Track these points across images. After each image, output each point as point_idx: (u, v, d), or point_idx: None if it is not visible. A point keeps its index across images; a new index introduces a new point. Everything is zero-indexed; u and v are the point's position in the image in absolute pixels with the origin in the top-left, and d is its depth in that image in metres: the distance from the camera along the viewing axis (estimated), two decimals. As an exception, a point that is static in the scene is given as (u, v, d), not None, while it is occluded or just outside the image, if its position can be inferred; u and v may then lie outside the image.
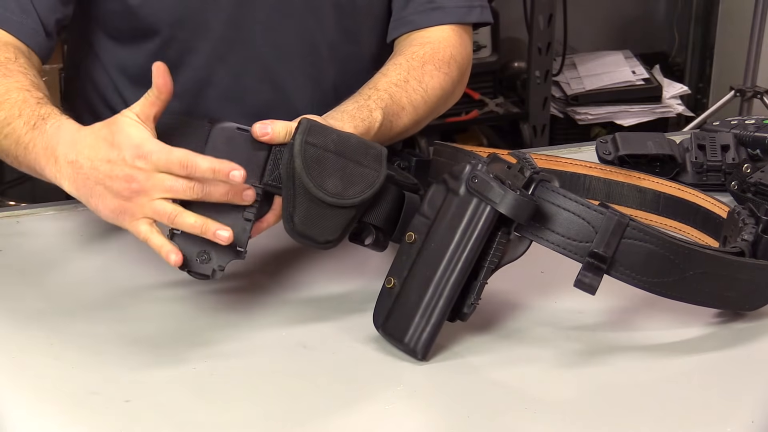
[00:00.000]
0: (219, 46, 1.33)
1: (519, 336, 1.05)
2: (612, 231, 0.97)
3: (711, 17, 3.52)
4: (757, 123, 1.40)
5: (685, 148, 1.39)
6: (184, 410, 0.93)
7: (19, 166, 1.12)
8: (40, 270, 1.16)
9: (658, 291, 1.00)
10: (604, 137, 1.42)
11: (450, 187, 1.00)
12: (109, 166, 1.00)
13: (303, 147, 1.01)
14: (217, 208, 1.01)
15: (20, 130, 1.09)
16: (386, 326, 1.01)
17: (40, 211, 1.30)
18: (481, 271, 0.99)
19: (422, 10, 1.36)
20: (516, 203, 0.96)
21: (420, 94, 1.26)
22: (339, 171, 1.02)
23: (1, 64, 1.16)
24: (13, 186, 3.08)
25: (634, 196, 1.29)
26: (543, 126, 3.13)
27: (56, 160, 1.04)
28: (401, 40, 1.36)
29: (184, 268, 1.00)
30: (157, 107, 1.02)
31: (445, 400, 0.96)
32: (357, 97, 1.19)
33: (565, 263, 0.99)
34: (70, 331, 1.04)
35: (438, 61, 1.30)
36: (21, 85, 1.13)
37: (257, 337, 1.04)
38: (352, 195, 1.03)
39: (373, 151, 1.05)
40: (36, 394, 0.95)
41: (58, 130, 1.06)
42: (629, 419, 0.93)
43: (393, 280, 1.01)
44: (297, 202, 1.02)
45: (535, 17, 3.01)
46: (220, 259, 1.00)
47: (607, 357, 1.02)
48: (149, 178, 0.99)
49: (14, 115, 1.10)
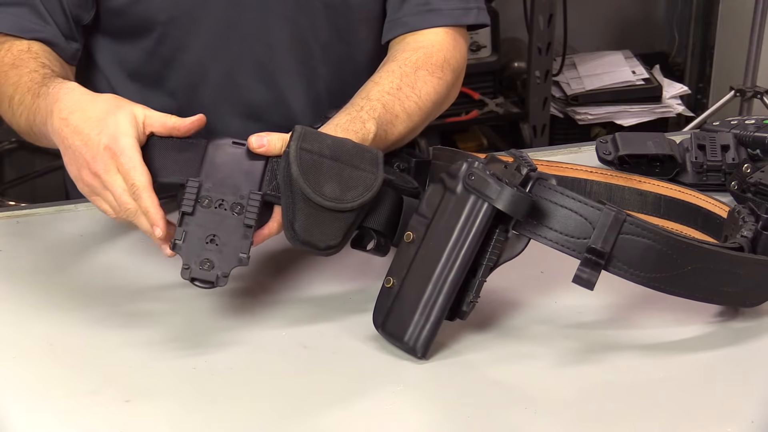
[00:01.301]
0: (212, 44, 1.33)
1: (518, 334, 1.05)
2: (609, 226, 0.97)
3: (711, 17, 3.52)
4: (757, 123, 1.40)
5: (685, 148, 1.39)
6: (184, 410, 0.93)
7: (36, 139, 1.17)
8: (40, 270, 1.16)
9: (656, 286, 1.00)
10: (604, 137, 1.41)
11: (447, 185, 1.00)
12: (83, 140, 1.03)
13: (299, 153, 1.02)
14: (219, 215, 1.01)
15: (29, 102, 1.14)
16: (386, 325, 1.01)
17: (40, 211, 1.30)
18: (480, 269, 0.99)
19: (417, 12, 1.35)
20: (513, 199, 0.96)
21: (414, 101, 1.24)
22: (336, 176, 1.03)
23: (14, 58, 1.21)
24: (13, 186, 3.08)
25: (636, 199, 1.29)
26: (543, 126, 3.13)
27: (51, 114, 1.08)
28: (395, 43, 1.36)
29: (188, 277, 1.00)
30: (162, 132, 1.05)
31: (445, 399, 0.96)
32: (349, 109, 1.18)
33: (564, 262, 0.99)
34: (70, 331, 1.04)
35: (431, 66, 1.29)
36: (30, 68, 1.18)
37: (257, 337, 1.04)
38: (350, 199, 1.03)
39: (369, 154, 1.06)
40: (36, 394, 0.95)
41: (60, 90, 1.09)
42: (628, 418, 0.93)
43: (392, 280, 1.01)
44: (296, 210, 1.02)
45: (535, 17, 3.00)
46: (223, 267, 1.00)
47: (606, 355, 1.02)
48: (108, 172, 1.02)
49: (24, 92, 1.15)
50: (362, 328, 1.03)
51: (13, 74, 1.19)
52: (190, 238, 1.00)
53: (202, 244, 1.00)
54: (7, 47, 1.23)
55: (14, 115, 1.18)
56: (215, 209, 1.02)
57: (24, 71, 1.18)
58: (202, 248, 1.00)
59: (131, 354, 1.01)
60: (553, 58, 3.08)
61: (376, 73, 1.28)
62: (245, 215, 1.02)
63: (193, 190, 1.02)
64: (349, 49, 1.39)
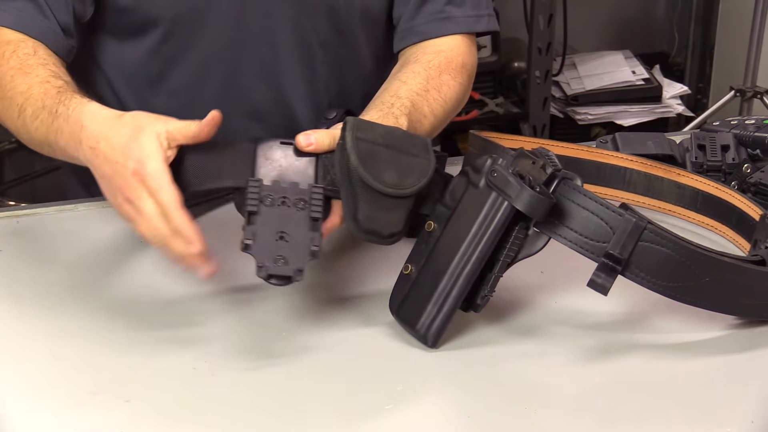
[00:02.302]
0: (217, 43, 1.33)
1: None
2: (629, 233, 0.97)
3: (711, 17, 3.52)
4: (757, 123, 1.40)
5: (685, 148, 1.39)
6: (184, 410, 0.93)
7: (55, 155, 1.15)
8: (40, 270, 1.16)
9: (673, 295, 1.00)
10: (604, 137, 1.42)
11: (471, 179, 1.01)
12: (114, 169, 1.01)
13: (355, 143, 1.02)
14: (284, 211, 1.01)
15: (47, 120, 1.11)
16: (401, 312, 1.03)
17: (40, 211, 1.30)
18: (497, 263, 1.00)
19: (432, 20, 1.36)
20: (531, 200, 0.97)
21: (440, 104, 1.26)
22: (393, 162, 1.03)
23: (21, 62, 1.18)
24: (13, 186, 3.08)
25: (674, 192, 1.29)
26: (543, 126, 3.13)
27: (81, 142, 1.06)
28: (409, 50, 1.36)
29: (265, 275, 0.98)
30: (187, 141, 1.02)
31: (454, 389, 0.97)
32: (380, 105, 1.19)
33: (584, 264, 0.99)
34: (70, 331, 1.04)
35: (452, 70, 1.31)
36: (41, 78, 1.15)
37: (258, 335, 1.04)
38: (409, 184, 1.03)
39: (419, 140, 1.07)
40: (36, 394, 0.95)
41: (82, 115, 1.07)
42: (628, 418, 0.93)
43: (410, 267, 1.02)
44: (358, 199, 1.02)
45: (535, 17, 3.00)
46: (297, 262, 0.99)
47: (614, 356, 1.02)
48: (139, 198, 0.99)
49: (39, 108, 1.12)
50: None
51: (22, 82, 1.16)
52: (259, 237, 0.99)
53: (272, 242, 0.99)
54: (12, 49, 1.21)
55: (27, 128, 1.15)
56: (279, 206, 1.02)
57: (34, 80, 1.16)
58: (273, 246, 0.99)
59: (131, 354, 1.01)
60: (553, 58, 3.08)
61: (401, 74, 1.28)
62: (311, 209, 1.02)
63: (255, 189, 1.02)
64: (350, 52, 1.40)
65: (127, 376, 0.97)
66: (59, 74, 1.17)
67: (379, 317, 1.06)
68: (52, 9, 1.25)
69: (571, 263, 1.03)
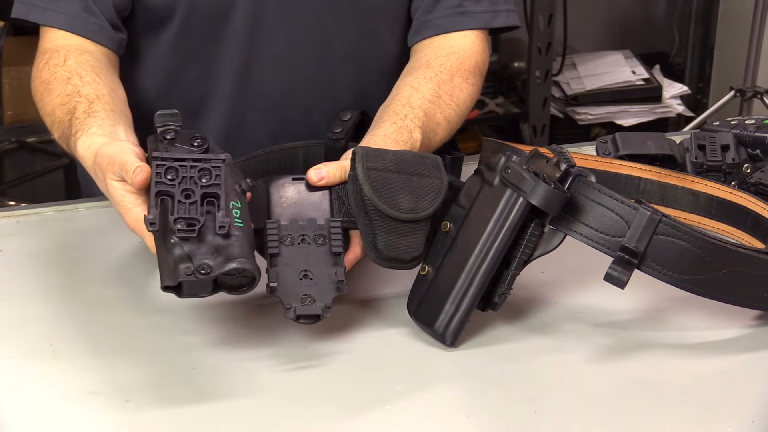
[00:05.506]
0: (236, 36, 1.33)
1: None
2: (645, 226, 0.97)
3: (711, 17, 3.52)
4: (757, 123, 1.40)
5: (685, 148, 1.39)
6: (184, 410, 0.93)
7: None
8: (40, 270, 1.16)
9: (690, 288, 1.00)
10: (604, 137, 1.41)
11: (485, 178, 1.01)
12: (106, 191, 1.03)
13: (367, 173, 1.03)
14: (305, 249, 1.02)
15: (65, 144, 1.16)
16: (418, 312, 1.03)
17: (40, 211, 1.30)
18: (513, 261, 1.00)
19: (449, 14, 1.36)
20: (546, 194, 0.97)
21: (453, 109, 1.26)
22: (406, 187, 1.03)
23: (50, 75, 1.21)
24: (13, 186, 3.08)
25: (688, 199, 1.28)
26: (543, 126, 3.13)
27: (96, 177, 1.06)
28: (423, 46, 1.36)
29: (293, 317, 0.98)
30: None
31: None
32: (393, 117, 1.19)
33: (602, 261, 0.99)
34: (70, 331, 1.04)
35: (465, 72, 1.31)
36: (61, 100, 1.18)
37: (258, 337, 1.04)
38: (424, 207, 1.03)
39: (430, 161, 1.07)
40: (36, 394, 0.95)
41: (84, 155, 1.08)
42: (628, 418, 0.93)
43: (427, 268, 1.03)
44: (376, 229, 1.03)
45: (535, 17, 3.01)
46: (323, 298, 0.99)
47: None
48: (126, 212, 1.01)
49: (60, 136, 1.17)
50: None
51: (48, 102, 1.20)
52: (283, 278, 1.00)
53: (296, 282, 1.00)
54: (45, 60, 1.24)
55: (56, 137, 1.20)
56: (299, 245, 1.02)
57: (55, 101, 1.18)
58: (297, 285, 1.00)
59: (131, 354, 1.01)
60: (553, 58, 3.08)
61: (412, 78, 1.28)
62: (330, 244, 1.02)
63: (274, 231, 1.02)
64: (372, 50, 1.40)
65: (127, 376, 0.97)
66: (78, 88, 1.17)
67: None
68: (98, 5, 1.27)
69: (589, 260, 1.03)
